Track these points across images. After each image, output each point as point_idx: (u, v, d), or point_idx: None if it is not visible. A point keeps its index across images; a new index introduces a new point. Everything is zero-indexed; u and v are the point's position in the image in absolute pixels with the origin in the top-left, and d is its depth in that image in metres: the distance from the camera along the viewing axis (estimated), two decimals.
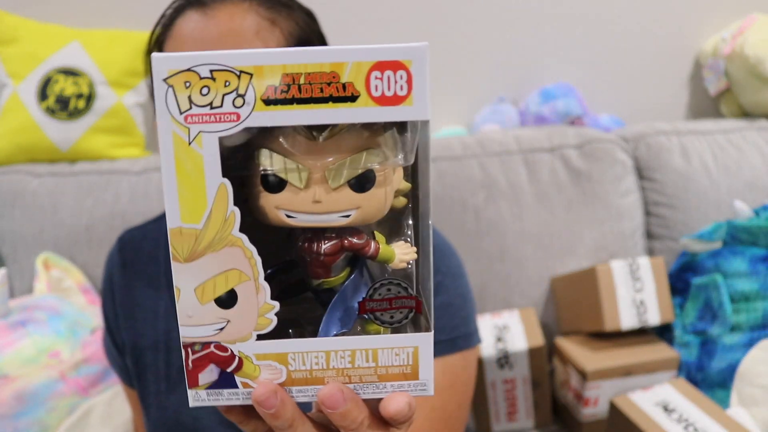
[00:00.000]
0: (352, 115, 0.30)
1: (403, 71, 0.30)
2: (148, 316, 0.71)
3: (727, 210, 1.22)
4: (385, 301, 0.34)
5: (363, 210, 0.33)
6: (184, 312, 0.33)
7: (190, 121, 0.31)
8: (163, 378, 0.69)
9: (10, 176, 1.15)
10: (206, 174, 0.31)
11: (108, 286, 0.75)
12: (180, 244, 0.32)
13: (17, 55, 1.19)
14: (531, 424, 1.13)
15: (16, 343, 0.91)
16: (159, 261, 0.72)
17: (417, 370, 0.34)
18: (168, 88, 0.30)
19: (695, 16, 1.46)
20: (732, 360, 1.06)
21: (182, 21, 0.59)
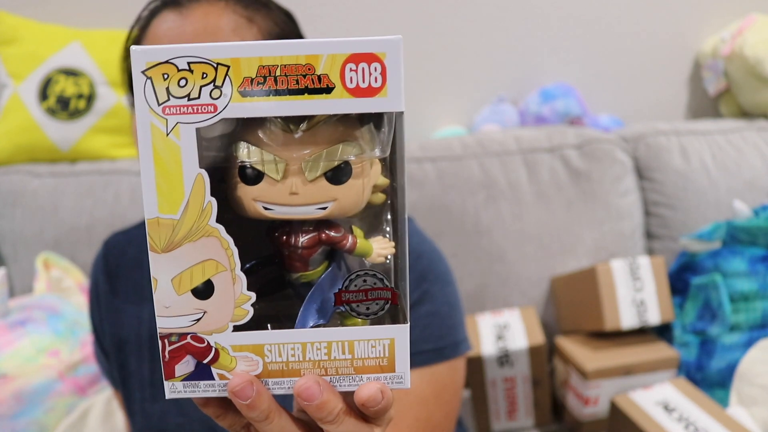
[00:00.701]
0: (327, 107, 0.31)
1: (378, 63, 0.30)
2: (132, 322, 0.70)
3: (727, 210, 1.22)
4: (361, 292, 0.34)
5: (340, 202, 0.33)
6: (161, 303, 0.33)
7: (167, 113, 0.31)
8: (147, 385, 0.68)
9: (11, 176, 1.15)
10: (183, 165, 0.31)
11: (94, 292, 0.74)
12: (157, 235, 0.32)
13: (18, 55, 1.19)
14: (531, 423, 1.13)
15: (15, 342, 0.91)
16: (144, 266, 0.71)
17: (393, 362, 0.34)
18: (146, 79, 0.30)
19: (695, 16, 1.47)
20: (731, 360, 1.06)
21: (158, 21, 0.58)
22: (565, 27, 1.42)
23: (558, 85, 1.38)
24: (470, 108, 1.43)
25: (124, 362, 0.70)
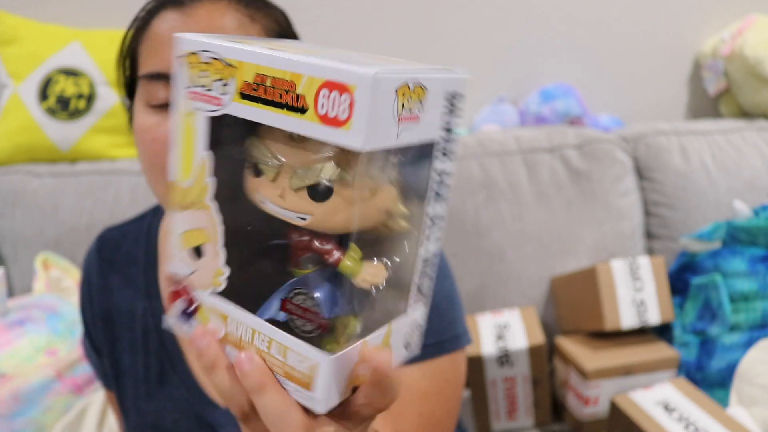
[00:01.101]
0: (297, 126, 0.31)
1: (348, 95, 0.29)
2: (124, 318, 0.69)
3: (727, 210, 1.22)
4: (300, 308, 0.35)
5: (316, 218, 0.33)
6: (173, 249, 0.38)
7: (190, 97, 0.35)
8: (141, 381, 0.68)
9: (11, 176, 1.15)
10: (195, 145, 0.35)
11: (86, 288, 0.73)
12: (174, 195, 0.37)
13: (18, 55, 1.19)
14: (531, 422, 1.13)
15: (13, 342, 0.91)
16: (138, 261, 0.71)
17: (312, 383, 0.34)
18: (182, 64, 0.35)
19: (695, 16, 1.47)
20: (731, 360, 1.06)
21: (159, 21, 0.57)
22: (565, 27, 1.42)
23: (558, 85, 1.38)
24: (470, 108, 1.43)
25: (117, 359, 0.69)
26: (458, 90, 0.33)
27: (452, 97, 0.33)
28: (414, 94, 0.31)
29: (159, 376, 0.67)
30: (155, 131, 0.56)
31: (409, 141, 0.31)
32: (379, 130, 0.29)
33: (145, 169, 0.59)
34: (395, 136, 0.30)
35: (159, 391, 0.67)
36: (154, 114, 0.57)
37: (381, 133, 0.30)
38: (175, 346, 0.67)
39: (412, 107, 0.31)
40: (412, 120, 0.31)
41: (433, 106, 0.32)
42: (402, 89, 0.30)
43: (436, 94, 0.32)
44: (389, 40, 1.36)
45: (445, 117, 0.33)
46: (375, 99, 0.29)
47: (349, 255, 0.34)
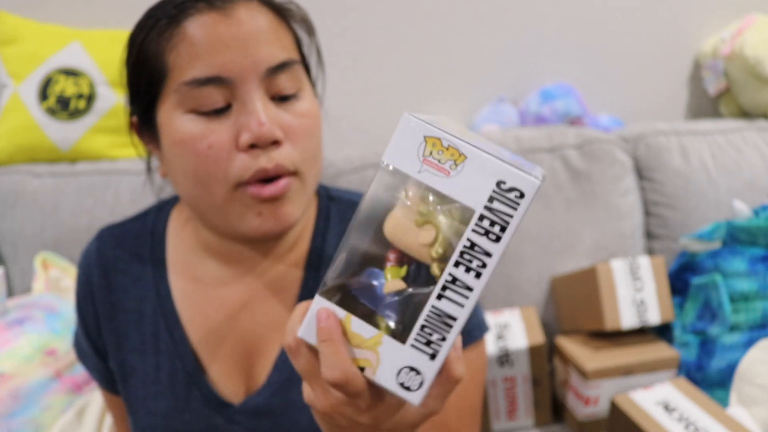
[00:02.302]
0: None
1: None
2: (131, 317, 0.68)
3: (727, 210, 1.22)
4: None
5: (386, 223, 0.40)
6: None
7: None
8: (151, 382, 0.67)
9: (11, 176, 1.15)
10: None
11: (86, 287, 0.70)
12: None
13: (18, 55, 1.19)
14: (531, 422, 1.13)
15: (12, 341, 0.91)
16: (144, 259, 0.69)
17: None
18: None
19: (695, 16, 1.47)
20: (731, 360, 1.06)
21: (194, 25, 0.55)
22: (565, 27, 1.42)
23: (558, 85, 1.38)
24: (470, 108, 1.43)
25: (123, 359, 0.68)
26: (513, 183, 0.36)
27: (502, 184, 0.36)
28: (447, 151, 0.37)
29: (171, 376, 0.66)
30: (210, 138, 0.55)
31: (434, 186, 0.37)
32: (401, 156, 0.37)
33: (200, 178, 0.57)
34: (417, 171, 0.37)
35: (170, 392, 0.66)
36: (204, 121, 0.55)
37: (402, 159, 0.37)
38: (186, 347, 0.66)
39: (442, 159, 0.37)
40: (439, 169, 0.37)
41: (472, 176, 0.37)
42: (431, 139, 0.37)
43: (479, 169, 0.36)
44: (389, 39, 1.36)
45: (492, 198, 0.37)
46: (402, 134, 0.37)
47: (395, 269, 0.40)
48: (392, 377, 0.39)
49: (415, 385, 0.39)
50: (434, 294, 0.38)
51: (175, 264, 0.69)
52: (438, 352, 0.39)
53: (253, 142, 0.55)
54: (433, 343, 0.39)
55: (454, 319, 0.38)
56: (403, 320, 0.39)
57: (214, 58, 0.54)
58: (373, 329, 0.39)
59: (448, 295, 0.38)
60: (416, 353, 0.39)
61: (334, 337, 0.38)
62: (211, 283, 0.68)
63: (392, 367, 0.39)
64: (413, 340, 0.39)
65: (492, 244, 0.37)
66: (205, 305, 0.67)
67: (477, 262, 0.37)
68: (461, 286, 0.38)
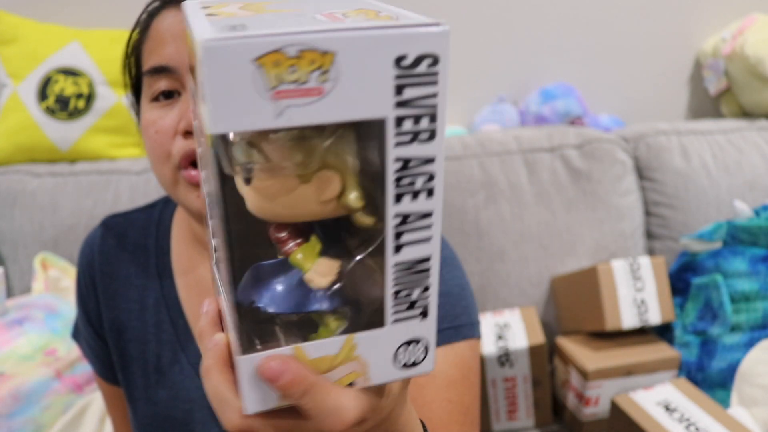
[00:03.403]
0: None
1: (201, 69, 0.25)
2: (133, 306, 0.68)
3: (727, 210, 1.22)
4: None
5: (248, 202, 0.29)
6: None
7: None
8: (152, 371, 0.67)
9: (10, 176, 1.15)
10: None
11: (88, 274, 0.71)
12: None
13: (17, 55, 1.19)
14: (531, 423, 1.13)
15: (12, 341, 0.91)
16: (149, 250, 0.70)
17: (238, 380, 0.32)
18: None
19: (695, 16, 1.47)
20: (732, 360, 1.06)
21: (159, 20, 0.60)
22: (565, 27, 1.42)
23: (558, 85, 1.38)
24: (470, 108, 1.43)
25: (124, 348, 0.68)
26: (417, 50, 0.26)
27: (403, 60, 0.26)
28: (302, 61, 0.24)
29: (171, 366, 0.66)
30: (158, 123, 0.58)
31: (314, 120, 0.25)
32: (235, 109, 0.24)
33: (152, 159, 0.61)
34: (273, 116, 0.25)
35: (171, 381, 0.66)
36: (156, 108, 0.59)
37: (240, 112, 0.25)
38: (188, 336, 0.67)
39: (302, 77, 0.25)
40: (305, 94, 0.25)
41: (355, 74, 0.25)
42: (270, 57, 0.24)
43: (361, 59, 0.25)
44: None
45: (399, 88, 0.26)
46: (216, 73, 0.24)
47: (306, 246, 0.30)
48: (390, 367, 0.32)
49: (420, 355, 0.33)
50: (389, 249, 0.29)
51: (178, 256, 0.70)
52: (428, 305, 0.32)
53: (187, 129, 0.57)
54: (416, 301, 0.31)
55: (427, 259, 0.30)
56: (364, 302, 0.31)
57: (164, 49, 0.58)
58: (335, 340, 0.30)
59: (407, 239, 0.30)
60: (403, 324, 0.32)
61: (309, 377, 0.30)
62: (209, 275, 0.68)
63: (385, 359, 0.32)
64: (393, 315, 0.31)
65: (428, 145, 0.28)
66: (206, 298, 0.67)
67: (421, 179, 0.28)
68: (416, 218, 0.29)
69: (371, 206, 0.29)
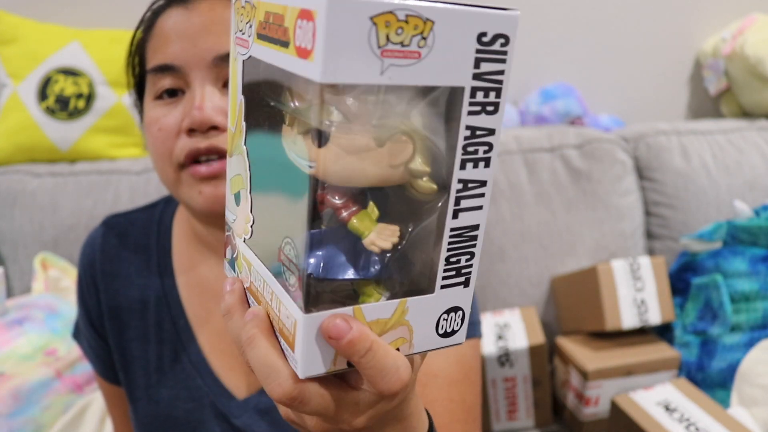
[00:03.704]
0: (284, 61, 0.29)
1: (312, 23, 0.26)
2: (134, 306, 0.68)
3: (727, 210, 1.22)
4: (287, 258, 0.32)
5: (318, 166, 0.29)
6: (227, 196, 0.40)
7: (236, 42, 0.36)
8: (153, 370, 0.67)
9: (10, 176, 1.15)
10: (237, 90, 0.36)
11: (89, 274, 0.71)
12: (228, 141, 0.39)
13: (17, 55, 1.19)
14: (531, 423, 1.13)
15: (12, 341, 0.91)
16: (150, 249, 0.70)
17: (294, 342, 0.31)
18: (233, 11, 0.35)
19: (695, 16, 1.47)
20: (732, 360, 1.05)
21: (163, 18, 0.60)
22: (565, 27, 1.42)
23: (558, 85, 1.38)
24: None
25: (124, 347, 0.68)
26: (495, 29, 0.28)
27: (483, 37, 0.28)
28: (407, 25, 0.26)
29: (173, 365, 0.67)
30: (162, 122, 0.59)
31: (410, 81, 0.27)
32: (346, 61, 0.26)
33: (155, 158, 0.61)
34: (378, 72, 0.27)
35: (173, 381, 0.67)
36: (160, 106, 0.60)
37: (349, 65, 0.26)
38: (190, 336, 0.67)
39: (405, 40, 0.27)
40: (407, 56, 0.27)
41: (447, 44, 0.27)
42: (383, 17, 0.26)
43: (453, 30, 0.27)
44: None
45: (478, 61, 0.28)
46: (335, 25, 0.25)
47: (363, 213, 0.31)
48: (432, 335, 0.33)
49: (457, 325, 0.33)
50: (449, 215, 0.31)
51: (179, 255, 0.70)
52: (470, 275, 0.32)
53: (191, 127, 0.57)
54: (463, 268, 0.32)
55: (477, 227, 0.32)
56: (415, 268, 0.32)
57: (169, 47, 0.58)
58: (390, 303, 0.31)
59: (465, 205, 0.31)
60: (449, 292, 0.32)
61: (371, 335, 0.31)
62: (211, 278, 0.68)
63: (429, 326, 0.33)
64: (442, 281, 0.32)
65: (492, 117, 0.30)
66: (207, 299, 0.68)
67: (483, 149, 0.30)
68: (475, 186, 0.31)
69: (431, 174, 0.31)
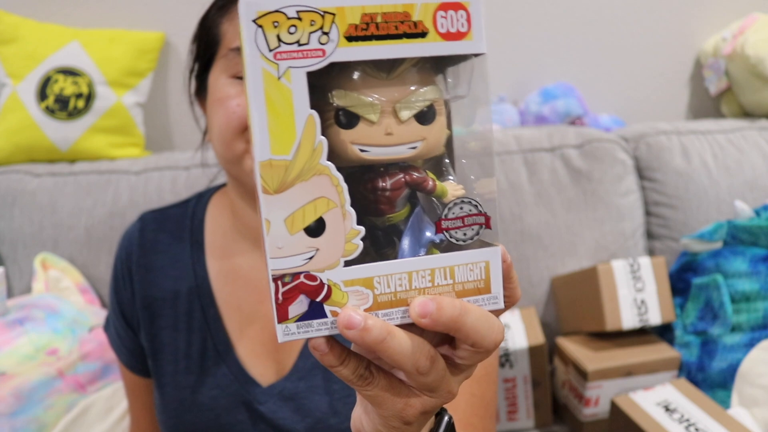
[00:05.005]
0: (423, 50, 0.35)
1: (463, 11, 0.35)
2: (167, 296, 0.72)
3: (728, 210, 1.22)
4: (458, 219, 0.36)
5: (427, 141, 0.36)
6: (274, 244, 0.34)
7: (279, 58, 0.33)
8: (182, 357, 0.70)
9: (10, 176, 1.15)
10: (295, 107, 0.33)
11: (125, 266, 0.75)
12: (270, 176, 0.33)
13: (17, 54, 1.19)
14: (531, 423, 1.13)
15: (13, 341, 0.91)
16: (184, 241, 0.74)
17: (489, 283, 0.36)
18: (257, 28, 0.33)
19: (695, 15, 1.46)
20: (733, 360, 1.05)
21: None
22: (565, 27, 1.42)
23: (558, 85, 1.38)
24: None
25: (155, 335, 0.72)
26: None
27: None
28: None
29: (201, 353, 0.70)
30: (240, 98, 0.62)
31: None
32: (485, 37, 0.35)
33: (224, 132, 0.63)
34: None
35: (200, 368, 0.69)
36: (241, 85, 0.62)
37: None
38: (219, 325, 0.70)
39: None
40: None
41: None
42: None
43: None
44: None
45: None
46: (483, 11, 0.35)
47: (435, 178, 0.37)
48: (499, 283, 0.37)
49: None
50: None
51: (212, 247, 0.73)
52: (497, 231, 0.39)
53: None
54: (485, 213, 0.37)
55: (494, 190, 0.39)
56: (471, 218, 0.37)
57: None
58: None
59: None
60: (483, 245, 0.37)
61: None
62: (245, 266, 0.71)
63: None
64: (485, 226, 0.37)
65: None
66: (239, 287, 0.71)
67: None
68: None
69: None
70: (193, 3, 0.70)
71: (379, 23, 0.34)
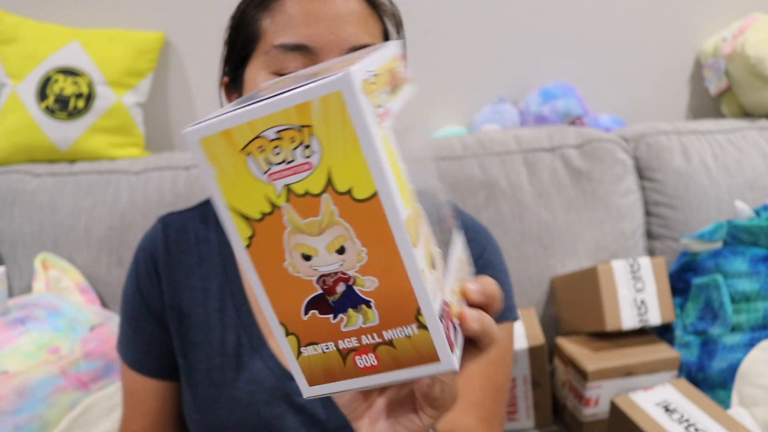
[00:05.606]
0: None
1: None
2: (196, 294, 0.72)
3: (728, 210, 1.22)
4: None
5: None
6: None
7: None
8: (217, 354, 0.70)
9: (10, 176, 1.15)
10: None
11: (150, 266, 0.74)
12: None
13: (17, 54, 1.19)
14: (531, 424, 1.13)
15: (15, 339, 0.91)
16: (210, 241, 0.74)
17: None
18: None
19: (695, 15, 1.46)
20: (733, 360, 1.05)
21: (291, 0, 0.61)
22: (565, 27, 1.42)
23: (558, 85, 1.37)
24: (470, 108, 1.42)
25: (185, 334, 0.71)
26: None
27: None
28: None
29: (236, 349, 0.70)
30: None
31: None
32: None
33: None
34: None
35: (235, 364, 0.70)
36: None
37: None
38: (252, 321, 0.70)
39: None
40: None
41: None
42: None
43: None
44: None
45: None
46: None
47: None
48: None
49: None
50: None
51: None
52: None
53: None
54: None
55: None
56: None
57: (305, 28, 0.59)
58: None
59: None
60: None
61: None
62: None
63: None
64: None
65: None
66: None
67: None
68: None
69: None
70: (193, 3, 0.70)
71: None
